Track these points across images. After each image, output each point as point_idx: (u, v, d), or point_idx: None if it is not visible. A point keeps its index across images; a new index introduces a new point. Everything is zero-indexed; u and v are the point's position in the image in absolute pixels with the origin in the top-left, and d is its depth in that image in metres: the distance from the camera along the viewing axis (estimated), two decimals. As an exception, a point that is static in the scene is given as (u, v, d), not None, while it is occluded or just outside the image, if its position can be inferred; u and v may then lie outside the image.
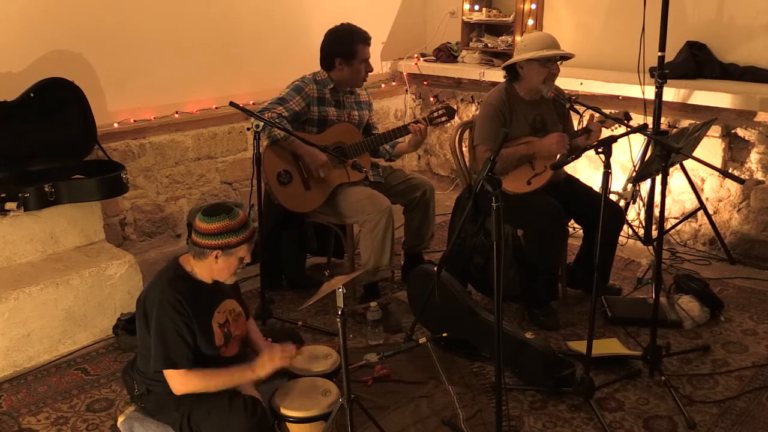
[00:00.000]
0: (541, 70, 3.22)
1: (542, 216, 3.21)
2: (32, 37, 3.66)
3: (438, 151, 5.61)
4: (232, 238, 2.24)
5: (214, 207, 2.30)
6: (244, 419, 2.21)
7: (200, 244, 2.25)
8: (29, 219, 3.34)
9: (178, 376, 2.25)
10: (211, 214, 2.26)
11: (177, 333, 2.22)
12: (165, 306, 2.23)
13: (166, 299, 2.23)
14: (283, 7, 4.71)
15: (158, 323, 2.23)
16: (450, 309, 3.07)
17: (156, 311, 2.24)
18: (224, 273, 2.31)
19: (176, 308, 2.22)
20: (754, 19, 4.06)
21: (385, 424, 2.52)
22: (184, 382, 2.25)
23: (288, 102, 3.41)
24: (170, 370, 2.25)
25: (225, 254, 2.25)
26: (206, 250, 2.25)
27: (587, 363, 2.66)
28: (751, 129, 3.88)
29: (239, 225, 2.26)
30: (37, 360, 3.13)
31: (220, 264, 2.27)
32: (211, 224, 2.24)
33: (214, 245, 2.23)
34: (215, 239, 2.23)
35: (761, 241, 3.97)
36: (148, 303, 2.28)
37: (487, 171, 2.26)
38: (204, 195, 4.44)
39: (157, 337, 2.23)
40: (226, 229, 2.24)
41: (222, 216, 2.25)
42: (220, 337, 2.35)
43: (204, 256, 2.26)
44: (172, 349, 2.23)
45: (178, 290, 2.25)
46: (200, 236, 2.25)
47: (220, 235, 2.23)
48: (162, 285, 2.28)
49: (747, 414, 2.67)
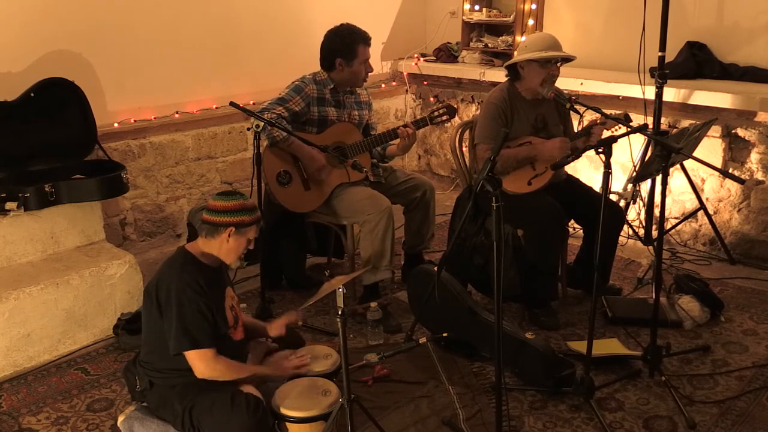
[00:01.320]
0: (541, 71, 3.22)
1: (542, 216, 3.21)
2: (32, 37, 3.66)
3: (438, 151, 5.61)
4: (246, 217, 2.36)
5: (227, 191, 2.47)
6: (246, 417, 2.23)
7: (215, 221, 2.36)
8: (29, 219, 3.34)
9: (205, 357, 2.29)
10: (226, 195, 2.41)
11: (199, 312, 2.28)
12: (184, 287, 2.28)
13: (184, 281, 2.30)
14: (283, 7, 4.72)
15: (178, 305, 2.28)
16: (450, 309, 3.07)
17: (175, 294, 2.28)
18: (232, 253, 2.40)
19: (195, 289, 2.29)
20: (755, 19, 4.06)
21: (385, 424, 2.52)
22: (211, 364, 2.30)
23: (288, 102, 3.41)
24: (195, 351, 2.29)
25: (237, 233, 2.36)
26: (220, 228, 2.35)
27: (587, 363, 2.66)
28: (752, 129, 3.88)
29: (252, 205, 2.42)
30: (38, 360, 3.13)
31: (231, 243, 2.37)
32: (228, 202, 2.37)
33: (229, 222, 2.34)
34: (231, 216, 2.35)
35: (761, 241, 3.97)
36: (162, 289, 2.32)
37: (487, 171, 2.26)
38: (204, 195, 4.44)
39: (178, 319, 2.27)
40: (242, 207, 2.37)
41: (237, 196, 2.40)
42: (231, 319, 2.43)
43: (217, 234, 2.36)
44: (195, 328, 2.27)
45: (194, 274, 2.33)
46: (216, 214, 2.36)
47: (236, 213, 2.36)
48: (176, 270, 2.35)
49: (747, 414, 2.67)
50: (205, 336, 2.29)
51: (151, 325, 2.38)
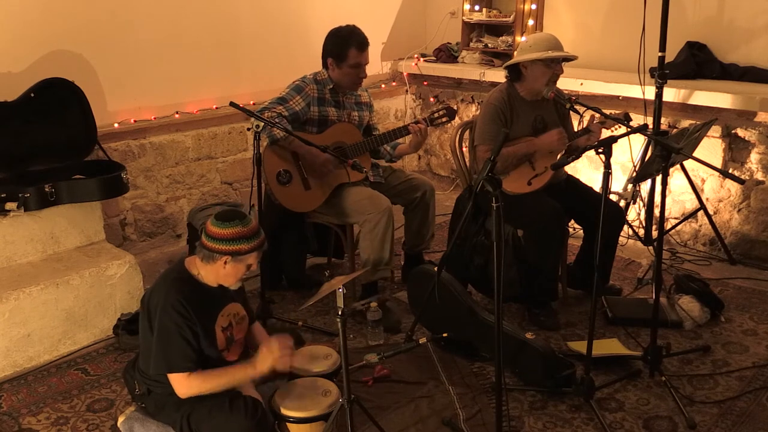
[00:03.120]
0: (546, 71, 3.22)
1: (542, 216, 3.21)
2: (32, 37, 3.66)
3: (438, 151, 5.61)
4: (243, 245, 2.23)
5: (228, 213, 2.28)
6: (245, 420, 2.22)
7: (211, 248, 2.23)
8: (29, 219, 3.34)
9: (180, 379, 2.25)
10: (224, 220, 2.24)
11: (181, 336, 2.22)
12: (168, 310, 2.22)
13: (169, 303, 2.22)
14: (283, 7, 4.72)
15: (161, 327, 2.23)
16: (450, 309, 3.07)
17: (159, 314, 2.23)
18: (230, 278, 2.30)
19: (180, 312, 2.21)
20: (755, 19, 4.06)
21: (385, 424, 2.52)
22: (187, 385, 2.25)
23: (288, 102, 3.41)
24: (173, 374, 2.25)
25: (234, 260, 2.24)
26: (216, 255, 2.23)
27: (587, 363, 2.66)
28: (752, 129, 3.88)
29: (252, 232, 2.25)
30: (38, 360, 3.13)
31: (228, 269, 2.26)
32: (224, 229, 2.22)
33: (225, 251, 2.22)
34: (227, 245, 2.21)
35: (761, 241, 3.97)
36: (152, 305, 2.27)
37: (487, 171, 2.26)
38: (204, 195, 4.44)
39: (159, 340, 2.23)
40: (239, 236, 2.22)
41: (236, 222, 2.23)
42: (222, 342, 2.35)
43: (213, 260, 2.25)
44: (175, 353, 2.22)
45: (182, 293, 2.24)
46: (212, 240, 2.23)
47: (232, 241, 2.21)
48: (166, 287, 2.27)
49: (747, 414, 2.66)
50: (181, 360, 2.22)
51: (145, 336, 2.34)
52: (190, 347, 2.23)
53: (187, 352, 2.23)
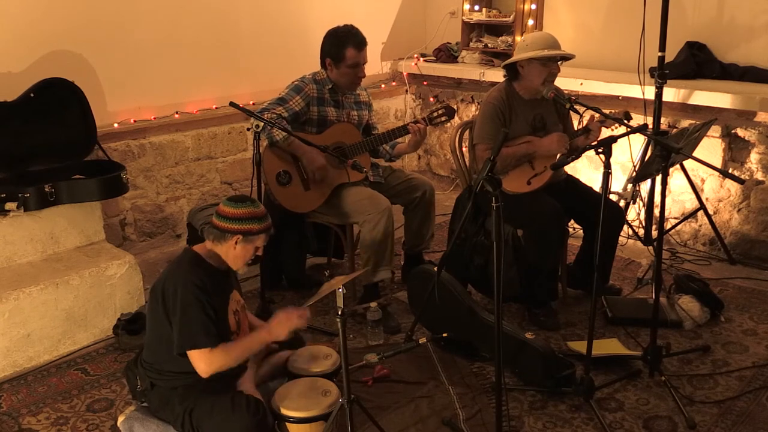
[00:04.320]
0: (542, 69, 3.22)
1: (542, 216, 3.21)
2: (32, 37, 3.66)
3: (438, 151, 5.61)
4: (254, 225, 2.35)
5: (239, 196, 2.43)
6: (246, 418, 2.23)
7: (223, 227, 2.33)
8: (29, 219, 3.34)
9: (203, 355, 2.28)
10: (237, 201, 2.37)
11: (203, 312, 2.27)
12: (190, 288, 2.27)
13: (190, 281, 2.29)
14: (283, 7, 4.72)
15: (184, 304, 2.27)
16: (450, 309, 3.07)
17: (180, 294, 2.27)
18: (239, 260, 2.39)
19: (201, 288, 2.28)
20: (755, 19, 4.06)
21: (385, 424, 2.52)
22: (209, 361, 2.28)
23: (287, 102, 3.40)
24: (196, 351, 2.27)
25: (245, 240, 2.34)
26: (227, 234, 2.33)
27: (587, 363, 2.66)
28: (751, 129, 3.88)
29: (263, 213, 2.39)
30: (37, 360, 3.13)
31: (238, 250, 2.35)
32: (237, 209, 2.34)
33: (236, 229, 2.32)
34: (239, 224, 2.33)
35: (761, 241, 3.97)
36: (168, 289, 2.31)
37: (487, 171, 2.26)
38: (204, 195, 4.44)
39: (183, 319, 2.27)
40: (251, 215, 2.35)
41: (247, 203, 2.37)
42: (234, 324, 2.41)
43: (224, 240, 2.34)
44: (198, 329, 2.26)
45: (198, 275, 2.31)
46: (224, 220, 2.34)
47: (245, 220, 2.33)
48: (182, 270, 2.34)
49: (747, 414, 2.66)
50: (208, 336, 2.27)
51: (154, 325, 2.37)
52: (212, 323, 2.28)
53: (210, 327, 2.28)
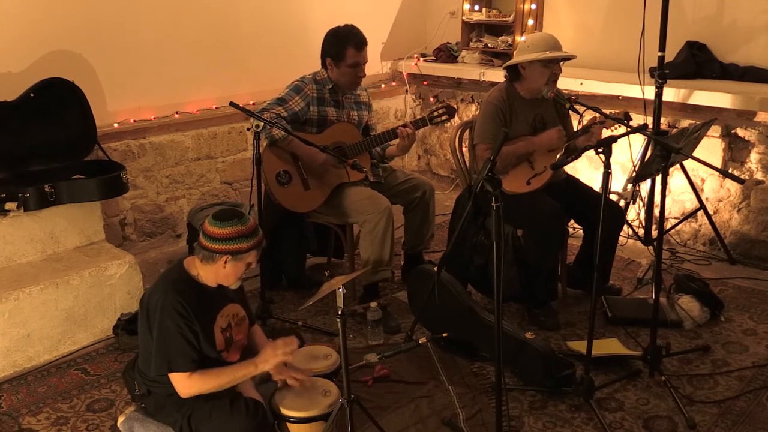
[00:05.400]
0: (544, 71, 3.21)
1: (542, 216, 3.21)
2: (32, 37, 3.66)
3: (438, 151, 5.61)
4: (243, 244, 2.22)
5: (226, 212, 2.27)
6: (246, 421, 2.21)
7: (210, 248, 2.22)
8: (29, 219, 3.34)
9: (181, 379, 2.24)
10: (222, 219, 2.23)
11: (181, 335, 2.21)
12: (168, 310, 2.21)
13: (169, 303, 2.21)
14: (283, 7, 4.72)
15: (161, 327, 2.22)
16: (450, 309, 3.07)
17: (159, 315, 2.22)
18: (230, 278, 2.29)
19: (179, 312, 2.20)
20: (755, 19, 4.06)
21: (385, 424, 2.52)
22: (188, 384, 2.25)
23: (287, 102, 3.41)
24: (174, 374, 2.24)
25: (234, 260, 2.23)
26: (216, 255, 2.22)
27: (587, 363, 2.66)
28: (751, 129, 3.88)
29: (251, 230, 2.25)
30: (37, 360, 3.13)
31: (228, 269, 2.25)
32: (223, 229, 2.21)
33: (224, 250, 2.21)
34: (226, 244, 2.21)
35: (761, 241, 3.97)
36: (151, 305, 2.27)
37: (487, 171, 2.26)
38: (204, 195, 4.44)
39: (159, 341, 2.23)
40: (239, 235, 2.22)
41: (234, 221, 2.23)
42: (222, 342, 2.34)
43: (213, 261, 2.24)
44: (175, 353, 2.22)
45: (181, 293, 2.23)
46: (211, 240, 2.22)
47: (232, 240, 2.21)
48: (165, 288, 2.26)
49: (747, 414, 2.67)
50: (182, 359, 2.22)
51: (143, 336, 2.33)
52: (191, 347, 2.23)
53: (188, 351, 2.22)
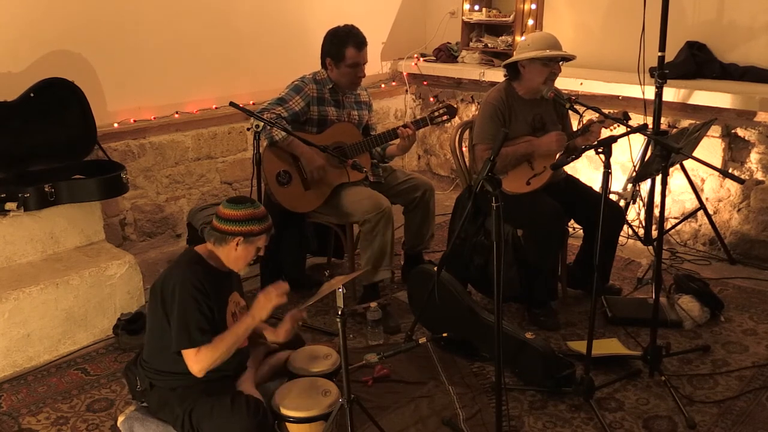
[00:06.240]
0: (543, 69, 3.22)
1: (542, 216, 3.21)
2: (32, 37, 3.66)
3: (438, 151, 5.61)
4: (255, 226, 2.34)
5: (238, 197, 2.41)
6: (246, 419, 2.23)
7: (224, 230, 2.32)
8: (29, 219, 3.34)
9: (193, 355, 2.27)
10: (237, 203, 2.36)
11: (200, 312, 2.26)
12: (187, 286, 2.27)
13: (189, 280, 2.28)
14: (283, 7, 4.72)
15: (181, 303, 2.26)
16: (450, 309, 3.07)
17: (179, 293, 2.27)
18: (240, 261, 2.38)
19: (199, 289, 2.27)
20: (754, 19, 4.06)
21: (385, 424, 2.52)
22: (198, 359, 2.27)
23: (287, 102, 3.41)
24: (190, 350, 2.27)
25: (246, 242, 2.34)
26: (228, 237, 2.32)
27: (587, 363, 2.66)
28: (751, 129, 3.88)
29: (263, 214, 2.38)
30: (37, 360, 3.13)
31: (240, 251, 2.35)
32: (237, 211, 2.33)
33: (237, 231, 2.32)
34: (240, 225, 2.32)
35: (761, 241, 3.97)
36: (167, 287, 2.30)
37: (487, 171, 2.26)
38: (204, 195, 4.44)
39: (180, 317, 2.26)
40: (252, 217, 2.34)
41: (247, 205, 2.36)
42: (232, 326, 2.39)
43: (225, 242, 2.33)
44: (194, 327, 2.26)
45: (197, 274, 2.31)
46: (225, 222, 2.33)
47: (245, 222, 2.32)
48: (183, 269, 2.33)
49: (747, 414, 2.67)
50: (201, 334, 2.26)
51: (154, 324, 2.37)
52: (209, 323, 2.28)
53: (207, 327, 2.27)
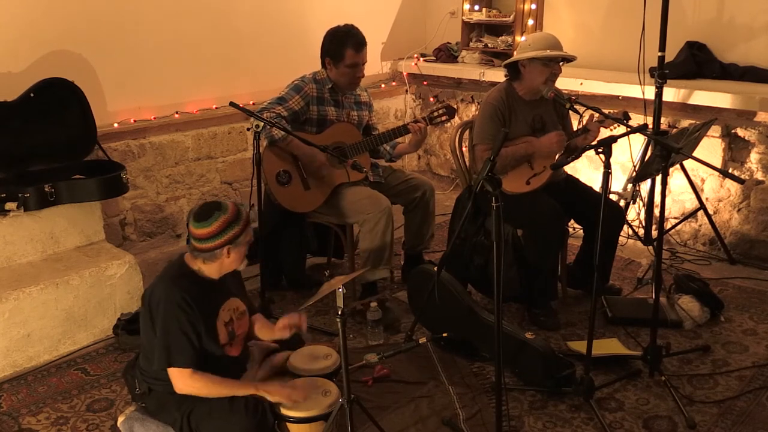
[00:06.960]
0: (544, 69, 3.22)
1: (542, 216, 3.21)
2: (32, 37, 3.66)
3: (438, 151, 5.61)
4: (236, 228, 2.26)
5: (204, 209, 2.28)
6: (245, 419, 2.22)
7: (208, 248, 2.25)
8: (29, 219, 3.34)
9: (182, 375, 2.25)
10: (204, 218, 2.25)
11: (182, 332, 2.22)
12: (171, 305, 2.23)
13: (172, 298, 2.23)
14: (283, 7, 4.72)
15: (164, 322, 2.23)
16: (450, 309, 3.07)
17: (162, 310, 2.24)
18: (235, 263, 2.34)
19: (182, 307, 2.22)
20: (754, 19, 4.06)
21: (385, 424, 2.52)
22: (188, 382, 2.26)
23: (287, 101, 3.41)
24: (175, 369, 2.25)
25: (234, 246, 2.27)
26: (216, 251, 2.26)
27: (587, 363, 2.66)
28: (751, 129, 3.88)
29: (235, 214, 2.27)
30: (37, 360, 3.13)
31: (232, 256, 2.30)
32: (210, 226, 2.24)
33: (222, 243, 2.25)
34: (221, 236, 2.24)
35: (761, 241, 3.97)
36: (153, 301, 2.28)
37: (487, 171, 2.26)
38: (204, 195, 4.44)
39: (162, 336, 2.24)
40: (227, 222, 2.25)
41: (216, 214, 2.25)
42: (225, 336, 2.36)
43: (215, 258, 2.28)
44: (177, 348, 2.23)
45: (184, 289, 2.25)
46: (206, 241, 2.24)
47: (225, 231, 2.24)
48: (167, 283, 2.28)
49: (747, 414, 2.67)
50: (183, 355, 2.23)
51: (146, 333, 2.34)
52: (191, 344, 2.24)
53: (188, 348, 2.24)
